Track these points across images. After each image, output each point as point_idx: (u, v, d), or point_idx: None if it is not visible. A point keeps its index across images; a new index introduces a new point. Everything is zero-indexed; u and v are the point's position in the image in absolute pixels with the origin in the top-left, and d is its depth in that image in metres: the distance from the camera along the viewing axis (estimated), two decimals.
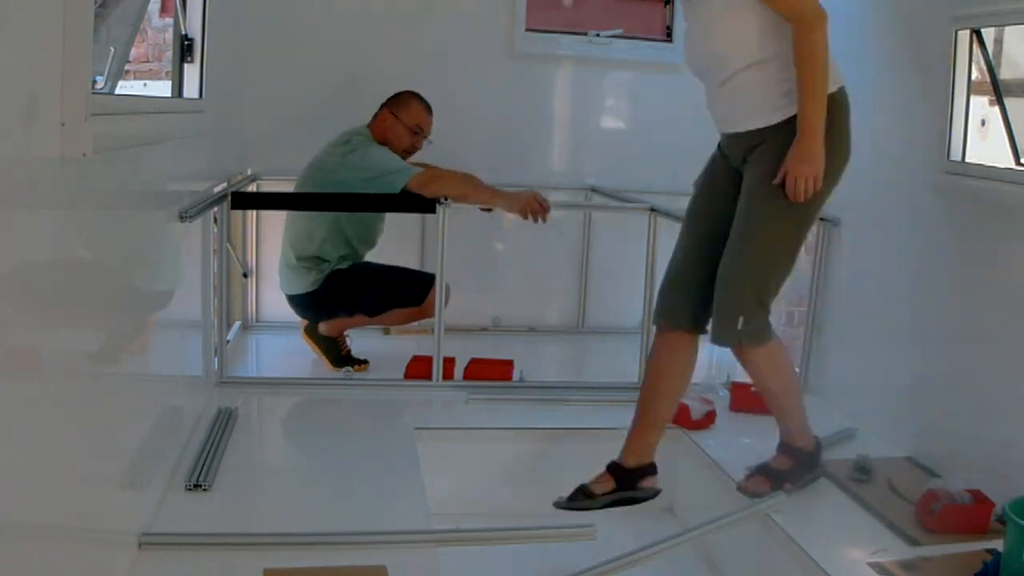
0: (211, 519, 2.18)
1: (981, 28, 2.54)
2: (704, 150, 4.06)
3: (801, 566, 2.10)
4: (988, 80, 2.61)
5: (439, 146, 3.62)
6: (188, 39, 2.86)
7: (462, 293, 3.54)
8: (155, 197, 2.29)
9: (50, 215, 1.49)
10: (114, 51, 2.67)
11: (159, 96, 3.10)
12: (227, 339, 3.22)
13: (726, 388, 3.18)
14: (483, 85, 3.92)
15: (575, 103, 4.08)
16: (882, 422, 2.88)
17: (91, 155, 1.46)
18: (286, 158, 3.33)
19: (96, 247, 1.75)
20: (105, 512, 1.76)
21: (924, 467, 2.60)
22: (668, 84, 4.03)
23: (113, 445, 1.83)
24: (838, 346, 3.22)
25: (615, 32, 3.96)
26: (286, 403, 3.07)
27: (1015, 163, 2.58)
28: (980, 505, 2.23)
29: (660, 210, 3.21)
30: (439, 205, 3.07)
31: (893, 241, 2.93)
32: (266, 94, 3.69)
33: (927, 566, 2.04)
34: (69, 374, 1.57)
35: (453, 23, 3.84)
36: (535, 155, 4.07)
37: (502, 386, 3.19)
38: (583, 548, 2.56)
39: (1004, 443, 2.34)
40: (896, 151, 2.89)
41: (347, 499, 2.33)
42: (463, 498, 2.73)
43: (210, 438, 2.54)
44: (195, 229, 2.67)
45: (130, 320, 2.03)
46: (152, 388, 2.27)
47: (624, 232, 3.94)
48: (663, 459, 2.78)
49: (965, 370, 2.54)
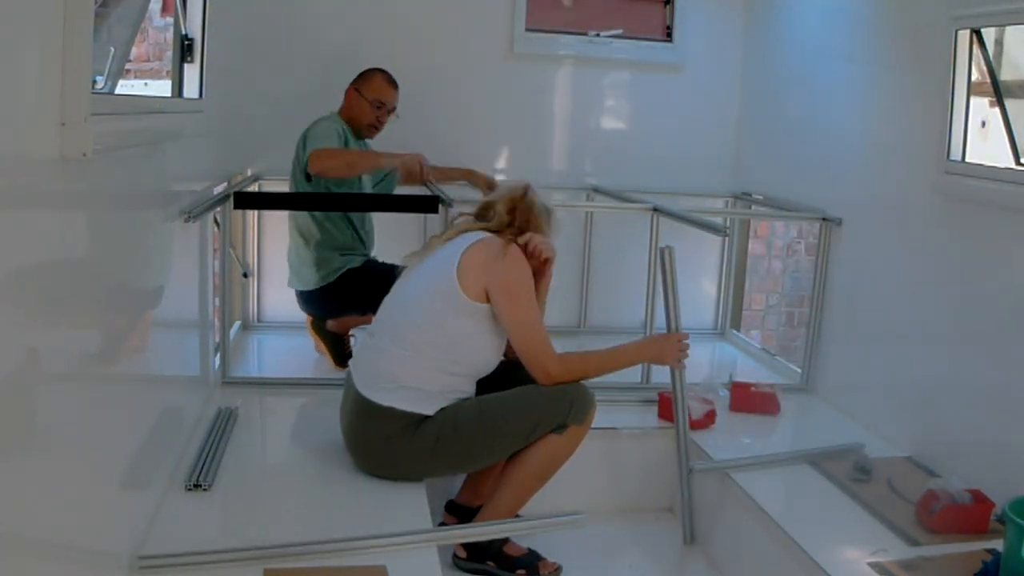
0: (211, 519, 2.18)
1: (981, 28, 2.54)
2: (703, 150, 4.10)
3: (801, 566, 2.11)
4: (988, 81, 2.61)
5: (440, 145, 3.62)
6: (188, 39, 2.85)
7: None
8: (155, 197, 2.29)
9: (50, 215, 1.49)
10: (114, 51, 2.67)
11: (159, 96, 3.10)
12: (228, 339, 3.21)
13: (726, 388, 3.18)
14: (483, 85, 3.92)
15: (575, 103, 4.08)
16: (882, 422, 2.88)
17: (91, 155, 1.46)
18: (287, 158, 3.33)
19: (96, 247, 1.75)
20: (102, 517, 1.76)
21: (924, 467, 2.60)
22: (668, 84, 4.04)
23: (113, 445, 1.83)
24: (838, 346, 3.22)
25: (615, 32, 3.96)
26: (287, 403, 3.07)
27: (1015, 163, 2.58)
28: (980, 505, 2.23)
29: (662, 209, 3.21)
30: (440, 205, 3.07)
31: (893, 241, 2.93)
32: (266, 94, 3.69)
33: (927, 566, 2.04)
34: (69, 374, 1.57)
35: (453, 23, 3.85)
36: (535, 155, 4.07)
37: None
38: (582, 548, 2.57)
39: (1004, 443, 2.34)
40: (896, 151, 2.89)
41: (347, 499, 2.32)
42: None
43: (210, 438, 2.54)
44: (196, 229, 2.67)
45: (130, 320, 2.03)
46: (152, 388, 2.26)
47: (625, 232, 3.94)
48: (664, 459, 2.79)
49: (965, 370, 2.54)
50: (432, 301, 2.34)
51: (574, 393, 2.32)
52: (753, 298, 5.58)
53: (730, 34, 4.02)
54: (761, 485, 2.43)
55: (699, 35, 4.01)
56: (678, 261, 2.58)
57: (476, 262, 2.31)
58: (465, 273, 2.29)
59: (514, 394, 2.34)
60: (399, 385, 2.31)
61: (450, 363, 2.32)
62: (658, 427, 2.91)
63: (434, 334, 2.33)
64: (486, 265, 2.30)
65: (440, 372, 2.32)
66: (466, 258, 2.31)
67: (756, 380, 3.27)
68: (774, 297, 5.76)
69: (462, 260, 2.31)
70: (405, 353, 2.33)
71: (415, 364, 2.31)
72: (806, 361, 3.35)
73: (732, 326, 4.25)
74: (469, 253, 2.32)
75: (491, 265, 2.30)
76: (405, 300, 2.42)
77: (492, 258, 2.31)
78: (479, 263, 2.31)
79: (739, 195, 4.04)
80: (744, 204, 4.03)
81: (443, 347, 2.32)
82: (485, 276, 2.30)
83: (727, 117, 4.06)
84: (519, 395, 2.34)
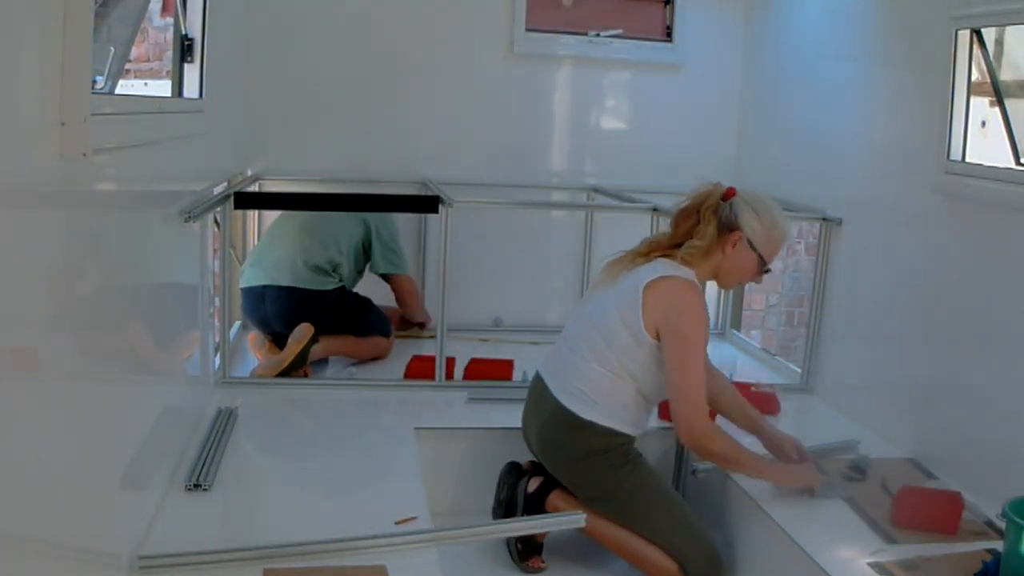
0: (211, 519, 2.18)
1: (981, 28, 2.54)
2: (703, 150, 4.09)
3: (801, 566, 2.10)
4: (988, 81, 2.61)
5: (440, 145, 3.62)
6: (188, 39, 2.85)
7: (463, 293, 3.54)
8: (155, 197, 2.29)
9: (50, 215, 1.49)
10: (114, 51, 2.66)
11: (159, 96, 3.10)
12: (228, 339, 3.22)
13: None
14: (483, 85, 3.92)
15: (575, 103, 4.08)
16: (884, 423, 2.88)
17: (91, 155, 1.46)
18: (287, 158, 3.34)
19: (96, 247, 1.75)
20: (102, 517, 1.76)
21: (923, 468, 2.60)
22: (668, 84, 4.04)
23: (113, 445, 1.83)
24: (838, 346, 3.22)
25: (615, 32, 3.96)
26: (286, 403, 3.07)
27: (1015, 163, 2.58)
28: (948, 500, 2.24)
29: (662, 210, 3.21)
30: (441, 205, 3.07)
31: (893, 241, 2.93)
32: (266, 94, 3.69)
33: (927, 566, 2.04)
34: (69, 374, 1.57)
35: (453, 23, 3.84)
36: (535, 155, 4.07)
37: (502, 386, 3.19)
38: (582, 547, 2.57)
39: (1004, 443, 2.34)
40: (896, 151, 2.89)
41: (347, 499, 2.33)
42: (463, 498, 2.74)
43: (210, 438, 2.54)
44: (195, 229, 2.67)
45: (130, 320, 2.03)
46: (152, 388, 2.26)
47: (626, 232, 3.92)
48: (665, 459, 2.79)
49: (966, 370, 2.53)
50: (616, 326, 2.34)
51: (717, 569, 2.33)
52: (753, 298, 5.58)
53: (730, 34, 4.02)
54: (761, 485, 2.43)
55: (699, 35, 4.01)
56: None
57: (658, 301, 2.29)
58: (647, 309, 2.29)
59: (687, 512, 2.39)
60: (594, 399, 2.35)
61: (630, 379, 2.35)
62: (658, 427, 2.90)
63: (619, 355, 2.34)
64: (667, 309, 2.29)
65: (623, 387, 2.35)
66: (649, 293, 2.30)
67: (756, 380, 3.28)
68: (774, 297, 5.76)
69: (646, 295, 2.30)
70: (596, 367, 2.36)
71: (603, 378, 2.35)
72: (806, 361, 3.35)
73: (732, 326, 4.25)
74: (652, 288, 2.30)
75: (671, 310, 2.29)
76: (592, 317, 2.43)
77: (674, 299, 2.30)
78: (660, 303, 2.29)
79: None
80: None
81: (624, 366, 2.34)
82: (663, 318, 2.28)
83: (727, 117, 4.06)
84: (689, 517, 2.37)
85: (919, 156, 2.74)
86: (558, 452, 2.42)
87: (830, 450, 2.70)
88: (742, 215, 2.36)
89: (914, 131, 2.79)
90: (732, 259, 2.38)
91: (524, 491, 2.48)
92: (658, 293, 2.29)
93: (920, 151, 2.73)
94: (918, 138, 2.75)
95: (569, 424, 2.36)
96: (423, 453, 2.63)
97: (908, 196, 2.82)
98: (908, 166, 2.81)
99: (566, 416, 2.36)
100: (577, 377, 2.37)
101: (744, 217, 2.36)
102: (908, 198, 2.83)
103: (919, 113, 2.76)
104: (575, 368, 2.38)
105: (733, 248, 2.36)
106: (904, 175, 2.84)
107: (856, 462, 2.59)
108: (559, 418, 2.38)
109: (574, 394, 2.37)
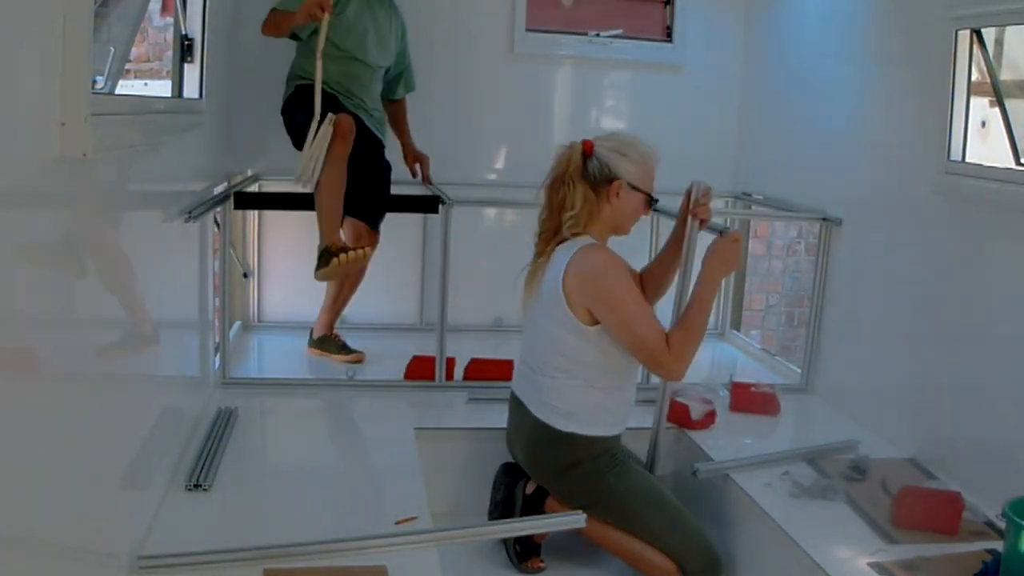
0: (211, 519, 2.18)
1: (981, 28, 2.54)
2: (703, 150, 4.09)
3: (801, 566, 2.10)
4: (988, 81, 2.61)
5: (440, 145, 3.62)
6: (188, 39, 2.85)
7: (463, 293, 3.53)
8: (155, 197, 2.29)
9: (50, 215, 1.49)
10: (114, 51, 2.66)
11: (159, 96, 3.10)
12: (228, 339, 3.22)
13: (726, 388, 3.18)
14: (483, 85, 3.92)
15: (575, 103, 4.07)
16: (883, 422, 2.88)
17: (91, 155, 1.46)
18: (287, 158, 3.32)
19: (96, 247, 1.75)
20: (102, 517, 1.76)
21: (923, 469, 2.60)
22: (668, 84, 4.03)
23: (113, 445, 1.83)
24: (838, 346, 3.22)
25: (615, 32, 3.95)
26: (286, 403, 3.07)
27: (1015, 163, 2.58)
28: (948, 500, 2.24)
29: (662, 210, 3.20)
30: (441, 205, 3.07)
31: (893, 241, 2.93)
32: (266, 94, 3.68)
33: (927, 566, 2.04)
34: (69, 374, 1.57)
35: (453, 22, 3.84)
36: (535, 155, 4.02)
37: (502, 386, 3.18)
38: (581, 547, 2.57)
39: (1004, 443, 2.34)
40: (896, 151, 2.89)
41: (347, 499, 2.33)
42: (463, 498, 2.74)
43: (210, 438, 2.54)
44: (195, 229, 2.67)
45: (130, 320, 2.03)
46: (152, 388, 2.26)
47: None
48: (664, 459, 2.78)
49: (966, 370, 2.54)
50: (557, 333, 2.34)
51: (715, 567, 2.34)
52: (753, 298, 5.58)
53: (730, 34, 4.02)
54: (761, 485, 2.43)
55: (699, 35, 4.01)
56: None
57: (574, 288, 2.29)
58: (571, 301, 2.29)
59: (682, 511, 2.38)
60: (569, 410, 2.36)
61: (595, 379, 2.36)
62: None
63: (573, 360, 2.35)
64: (583, 287, 2.28)
65: (590, 389, 2.36)
66: (565, 288, 2.29)
67: (756, 380, 3.28)
68: (774, 297, 5.76)
69: (564, 291, 2.29)
70: (564, 381, 2.36)
71: (574, 388, 2.36)
72: (806, 361, 3.35)
73: (732, 326, 4.25)
74: (568, 277, 2.29)
75: (586, 284, 2.28)
76: (536, 334, 2.44)
77: (582, 275, 2.29)
78: (576, 288, 2.29)
79: (739, 195, 4.03)
80: (744, 204, 4.02)
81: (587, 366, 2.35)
82: (585, 297, 2.28)
83: (727, 117, 4.06)
84: (684, 515, 2.37)
85: (919, 156, 2.74)
86: (545, 467, 2.43)
87: (831, 450, 2.70)
88: (613, 163, 2.34)
89: (914, 131, 2.79)
90: (620, 207, 2.37)
91: (523, 493, 2.48)
92: (571, 281, 2.29)
93: (920, 151, 2.73)
94: (918, 138, 2.75)
95: (550, 439, 2.38)
96: (423, 453, 2.63)
97: (908, 196, 2.82)
98: (908, 166, 2.81)
99: (546, 432, 2.38)
100: (547, 394, 2.39)
101: (615, 164, 2.34)
102: (908, 198, 2.83)
103: (919, 113, 2.76)
104: (543, 387, 2.39)
105: (618, 197, 2.35)
106: (904, 175, 2.84)
107: (856, 462, 2.59)
108: (540, 433, 2.39)
109: (551, 408, 2.38)
